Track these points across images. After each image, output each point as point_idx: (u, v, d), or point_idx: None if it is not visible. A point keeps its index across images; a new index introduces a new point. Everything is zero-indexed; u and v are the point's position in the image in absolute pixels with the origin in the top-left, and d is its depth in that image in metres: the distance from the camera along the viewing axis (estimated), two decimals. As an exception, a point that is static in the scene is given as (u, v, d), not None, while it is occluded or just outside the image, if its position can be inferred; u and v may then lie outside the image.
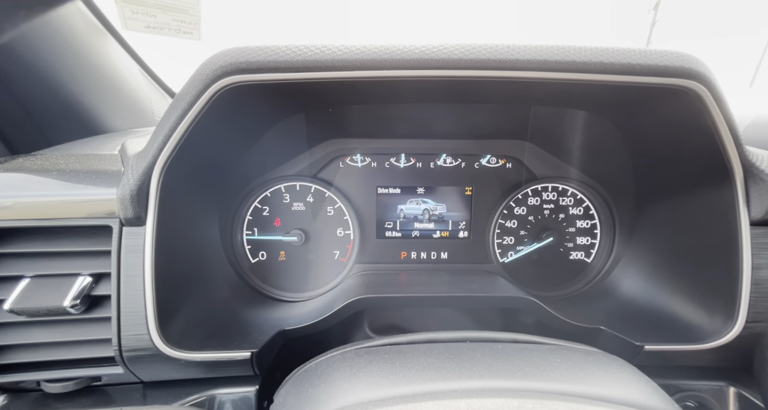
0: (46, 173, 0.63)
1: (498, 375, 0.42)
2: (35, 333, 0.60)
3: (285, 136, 0.87)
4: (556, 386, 0.40)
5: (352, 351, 0.52)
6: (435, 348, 0.49)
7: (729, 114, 0.58)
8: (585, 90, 0.65)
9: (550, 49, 0.55)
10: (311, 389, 0.45)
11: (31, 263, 0.60)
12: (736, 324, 0.63)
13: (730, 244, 0.63)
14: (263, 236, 0.93)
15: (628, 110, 0.72)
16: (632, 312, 0.81)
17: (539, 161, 0.96)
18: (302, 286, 0.95)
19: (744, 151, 0.60)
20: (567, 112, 0.83)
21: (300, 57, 0.54)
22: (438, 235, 0.98)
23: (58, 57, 0.87)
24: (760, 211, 0.62)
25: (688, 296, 0.73)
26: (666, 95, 0.59)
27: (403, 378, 0.42)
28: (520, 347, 0.51)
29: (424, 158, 0.96)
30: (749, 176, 0.62)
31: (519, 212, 0.97)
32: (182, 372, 0.63)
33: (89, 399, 0.63)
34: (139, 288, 0.58)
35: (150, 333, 0.58)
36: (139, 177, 0.58)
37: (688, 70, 0.55)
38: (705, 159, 0.64)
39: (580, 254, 0.98)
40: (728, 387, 0.68)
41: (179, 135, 0.57)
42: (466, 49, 0.55)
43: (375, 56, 0.55)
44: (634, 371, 0.48)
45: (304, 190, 0.94)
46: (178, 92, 0.58)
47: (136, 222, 0.59)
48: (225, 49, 0.56)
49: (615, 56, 0.55)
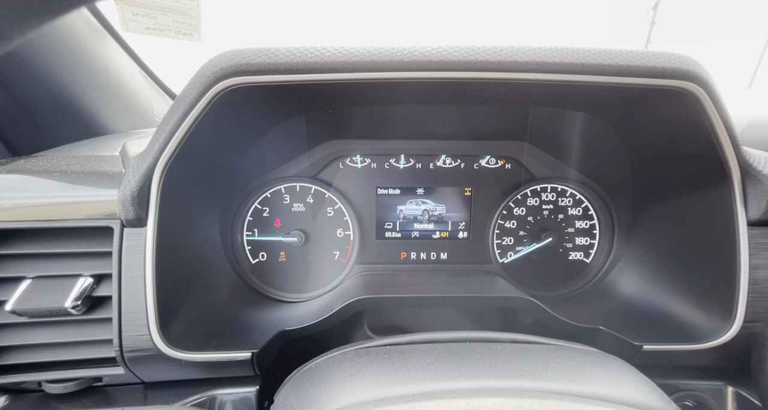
0: (48, 175, 0.64)
1: (497, 375, 0.42)
2: (37, 334, 0.60)
3: (285, 137, 0.87)
4: (554, 386, 0.41)
5: (353, 351, 0.52)
6: (435, 348, 0.50)
7: (726, 115, 0.58)
8: (583, 91, 0.65)
9: (548, 51, 0.56)
10: (312, 389, 0.46)
11: (32, 265, 0.60)
12: (734, 324, 0.63)
13: (728, 244, 0.64)
14: (263, 237, 0.93)
15: (626, 111, 0.72)
16: (631, 312, 0.81)
17: (538, 162, 0.96)
18: (302, 287, 0.95)
19: (741, 152, 0.61)
20: (565, 113, 0.84)
21: (300, 59, 0.55)
22: (437, 235, 0.99)
23: (59, 58, 0.88)
24: (757, 211, 0.62)
25: (686, 296, 0.73)
26: (663, 97, 0.59)
27: (403, 378, 0.43)
28: (519, 347, 0.51)
29: (424, 159, 0.96)
30: (746, 176, 0.62)
31: (518, 212, 0.98)
32: (183, 372, 0.63)
33: (90, 399, 0.63)
34: (140, 289, 0.59)
35: (151, 333, 0.58)
36: (140, 178, 0.58)
37: (686, 72, 0.55)
38: (702, 160, 0.64)
39: (579, 255, 0.98)
40: (726, 387, 0.69)
41: (180, 137, 0.58)
42: (465, 51, 0.56)
43: (375, 58, 0.55)
44: (632, 371, 0.48)
45: (304, 191, 0.94)
46: (178, 94, 0.58)
47: (136, 223, 0.59)
48: (225, 51, 0.56)
49: (613, 58, 0.56)
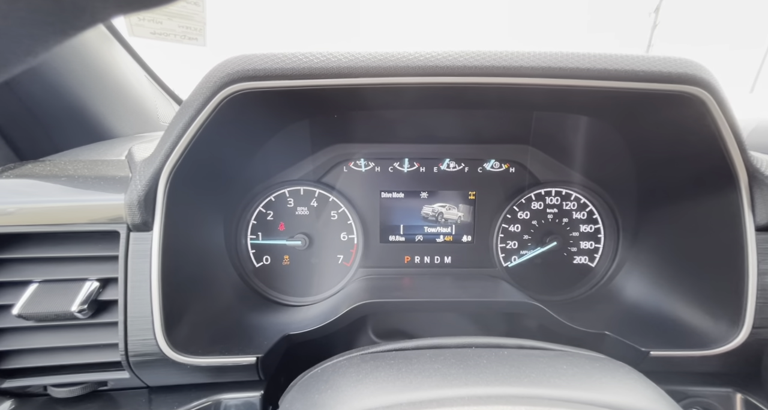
0: (55, 179, 0.64)
1: (504, 382, 0.42)
2: (43, 338, 0.60)
3: (289, 141, 0.87)
4: (562, 392, 0.40)
5: (358, 356, 0.52)
6: (441, 354, 0.49)
7: (733, 120, 0.58)
8: (588, 96, 0.65)
9: (553, 57, 0.56)
10: (318, 395, 0.45)
11: (39, 269, 0.60)
12: (742, 330, 0.63)
13: (735, 249, 0.63)
14: (267, 241, 0.94)
15: (631, 115, 0.72)
16: (637, 317, 0.80)
17: (542, 166, 0.96)
18: (306, 290, 0.95)
19: (748, 156, 0.60)
20: (569, 117, 0.84)
21: (306, 65, 0.55)
22: (441, 239, 0.98)
23: (66, 63, 0.89)
24: (765, 216, 0.62)
25: (692, 301, 0.73)
26: (669, 101, 0.59)
27: (410, 384, 0.42)
28: (526, 353, 0.51)
29: (428, 163, 0.96)
30: (754, 181, 0.62)
31: (522, 216, 0.97)
32: (187, 376, 0.63)
33: (95, 403, 0.63)
34: (145, 293, 0.59)
35: (156, 337, 0.58)
36: (147, 183, 0.59)
37: (692, 77, 0.55)
38: (709, 164, 0.64)
39: (584, 259, 0.98)
40: (735, 394, 0.68)
41: (186, 142, 0.58)
42: (470, 56, 0.56)
43: (380, 63, 0.56)
44: (640, 377, 0.48)
45: (308, 194, 0.94)
46: (185, 99, 0.58)
47: (143, 228, 0.60)
48: (232, 57, 0.56)
49: (618, 63, 0.56)
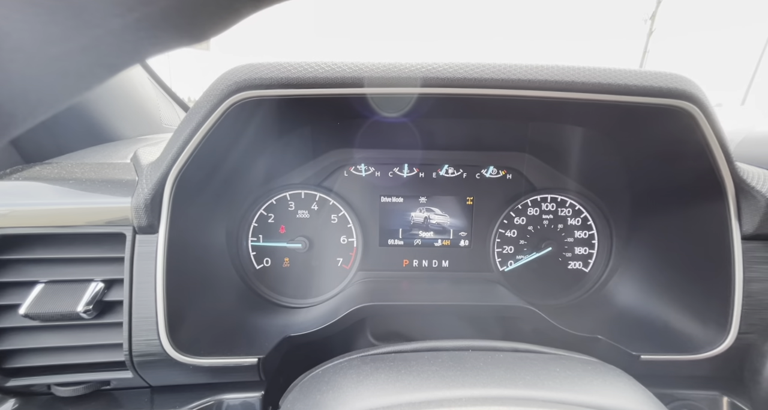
0: (63, 182, 0.65)
1: (500, 384, 0.44)
2: (48, 338, 0.61)
3: (292, 146, 0.89)
4: (555, 395, 0.42)
5: (358, 358, 0.53)
6: (438, 356, 0.51)
7: (720, 132, 0.60)
8: (582, 108, 0.67)
9: (550, 70, 0.58)
10: (319, 395, 0.47)
11: (45, 269, 0.61)
12: (729, 335, 0.65)
13: (723, 257, 0.66)
14: (268, 243, 0.95)
15: (624, 127, 0.75)
16: (629, 322, 0.82)
17: (538, 173, 0.98)
18: (306, 292, 0.97)
19: (735, 168, 0.63)
20: (565, 127, 0.86)
21: (311, 74, 0.57)
22: (439, 243, 1.00)
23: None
24: (751, 226, 0.64)
25: (682, 306, 0.75)
26: (660, 114, 0.61)
27: (409, 385, 0.44)
28: (520, 356, 0.52)
29: (427, 168, 0.98)
30: (740, 192, 0.64)
31: (519, 222, 0.99)
32: (190, 377, 0.64)
33: (98, 402, 0.64)
34: (150, 294, 0.60)
35: (160, 338, 0.60)
36: (153, 187, 0.60)
37: (681, 91, 0.58)
38: (698, 175, 0.66)
39: (578, 264, 1.00)
40: (722, 397, 0.70)
41: (193, 147, 0.59)
42: (471, 69, 0.58)
43: (383, 74, 0.57)
44: (630, 381, 0.50)
45: (308, 198, 0.96)
46: (192, 106, 0.60)
47: (148, 230, 0.61)
48: (239, 66, 0.58)
49: (611, 77, 0.58)
